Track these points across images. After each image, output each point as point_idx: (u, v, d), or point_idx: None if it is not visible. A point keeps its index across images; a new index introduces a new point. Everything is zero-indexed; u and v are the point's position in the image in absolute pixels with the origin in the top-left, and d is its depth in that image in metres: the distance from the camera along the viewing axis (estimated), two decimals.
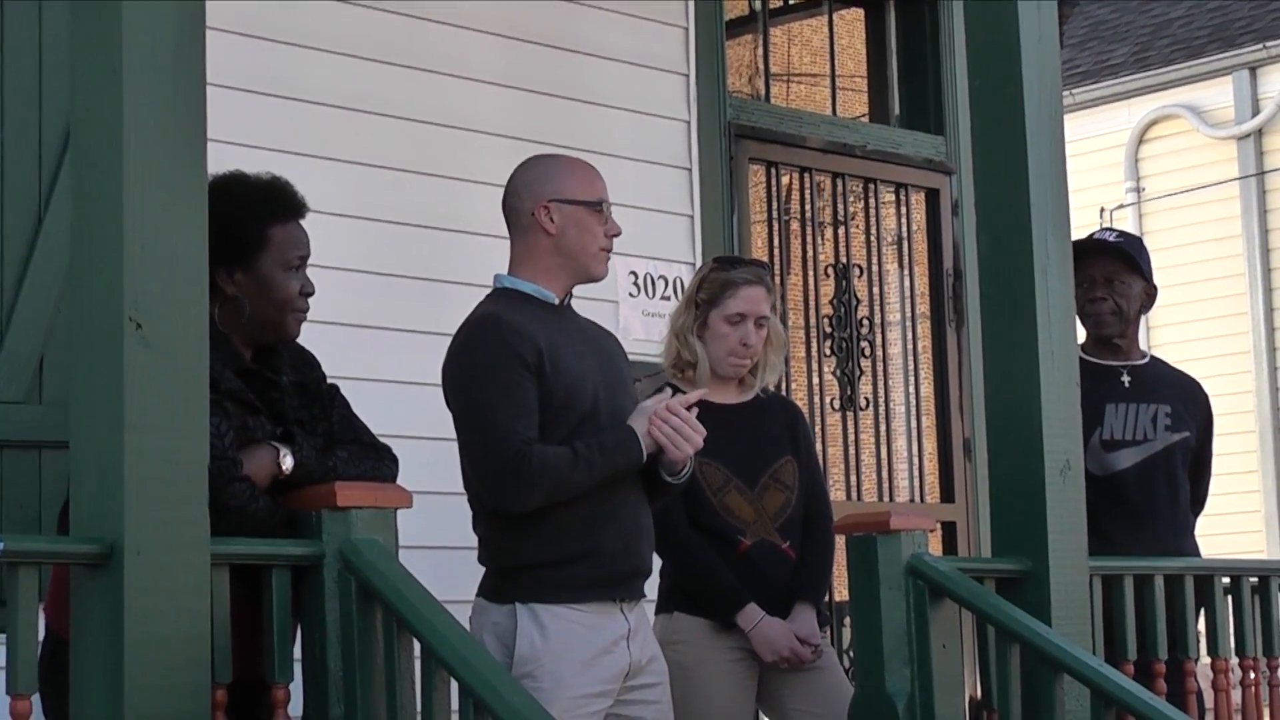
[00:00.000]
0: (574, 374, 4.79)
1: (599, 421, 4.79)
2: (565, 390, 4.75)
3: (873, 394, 7.93)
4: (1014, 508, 5.39)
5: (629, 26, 7.12)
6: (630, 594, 4.82)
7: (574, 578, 4.70)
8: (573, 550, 4.71)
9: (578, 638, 4.67)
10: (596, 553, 4.73)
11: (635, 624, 4.83)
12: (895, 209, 8.16)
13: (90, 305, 4.04)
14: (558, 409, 4.74)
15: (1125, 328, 6.31)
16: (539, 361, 4.73)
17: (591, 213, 4.93)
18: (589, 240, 4.93)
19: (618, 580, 4.78)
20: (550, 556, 4.70)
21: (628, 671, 4.78)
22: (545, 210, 4.92)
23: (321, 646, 4.25)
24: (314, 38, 6.22)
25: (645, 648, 4.85)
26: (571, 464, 4.67)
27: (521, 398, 4.70)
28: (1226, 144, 16.41)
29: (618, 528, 4.77)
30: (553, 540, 4.70)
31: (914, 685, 5.02)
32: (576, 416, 4.76)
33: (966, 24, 5.69)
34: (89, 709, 3.92)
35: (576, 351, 4.84)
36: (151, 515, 3.94)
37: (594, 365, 4.87)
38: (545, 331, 4.79)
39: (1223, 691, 5.72)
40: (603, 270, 4.99)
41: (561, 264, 4.92)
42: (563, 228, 4.91)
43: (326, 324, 5.15)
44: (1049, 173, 5.50)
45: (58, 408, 5.23)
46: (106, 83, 4.04)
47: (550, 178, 4.98)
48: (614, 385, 4.92)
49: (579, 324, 4.99)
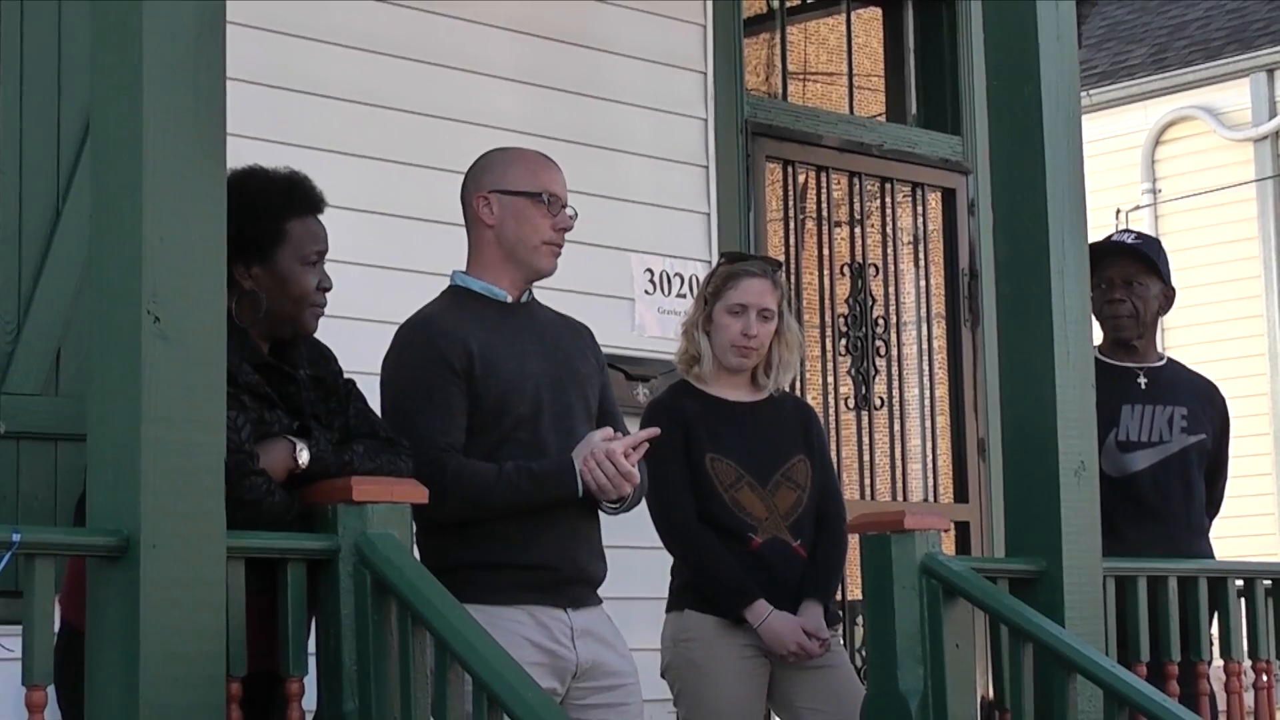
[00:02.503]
0: (510, 376, 4.73)
1: (540, 425, 4.75)
2: (498, 393, 4.71)
3: (887, 393, 7.93)
4: (1028, 508, 5.39)
5: (647, 24, 7.12)
6: (571, 601, 4.76)
7: (503, 581, 4.67)
8: (502, 556, 4.68)
9: (511, 636, 4.57)
10: (528, 559, 4.69)
11: (584, 625, 4.76)
12: (911, 208, 8.16)
13: (108, 298, 4.05)
14: (488, 413, 4.70)
15: (1143, 330, 6.30)
16: (468, 365, 4.69)
17: (532, 204, 4.83)
18: (529, 232, 4.84)
19: (550, 587, 4.72)
20: (480, 559, 4.67)
21: (576, 672, 4.73)
22: (484, 201, 4.86)
23: (336, 640, 4.26)
24: (333, 33, 6.23)
25: (598, 651, 4.78)
26: (491, 483, 4.63)
27: (444, 403, 4.67)
28: (1243, 146, 16.39)
29: (553, 535, 4.71)
30: (482, 545, 4.68)
31: (927, 684, 5.02)
32: (511, 420, 4.72)
33: (984, 23, 5.68)
34: (105, 700, 3.93)
35: (520, 352, 4.78)
36: (168, 508, 3.95)
37: (540, 366, 4.80)
38: (483, 332, 4.74)
39: (1235, 694, 5.72)
40: (548, 265, 4.88)
41: (504, 257, 4.85)
42: (501, 219, 4.84)
43: (343, 319, 5.15)
44: (1066, 173, 5.50)
45: (75, 400, 5.24)
46: (126, 77, 4.05)
47: (490, 168, 4.91)
48: (563, 385, 4.84)
49: (535, 322, 4.90)
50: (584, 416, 4.88)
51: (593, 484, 4.68)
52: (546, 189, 4.86)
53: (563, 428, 4.80)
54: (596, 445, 4.70)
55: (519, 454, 4.71)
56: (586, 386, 4.93)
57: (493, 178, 4.88)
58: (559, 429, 4.79)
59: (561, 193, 4.89)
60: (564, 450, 4.76)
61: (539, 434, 4.76)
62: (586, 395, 4.92)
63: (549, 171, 4.92)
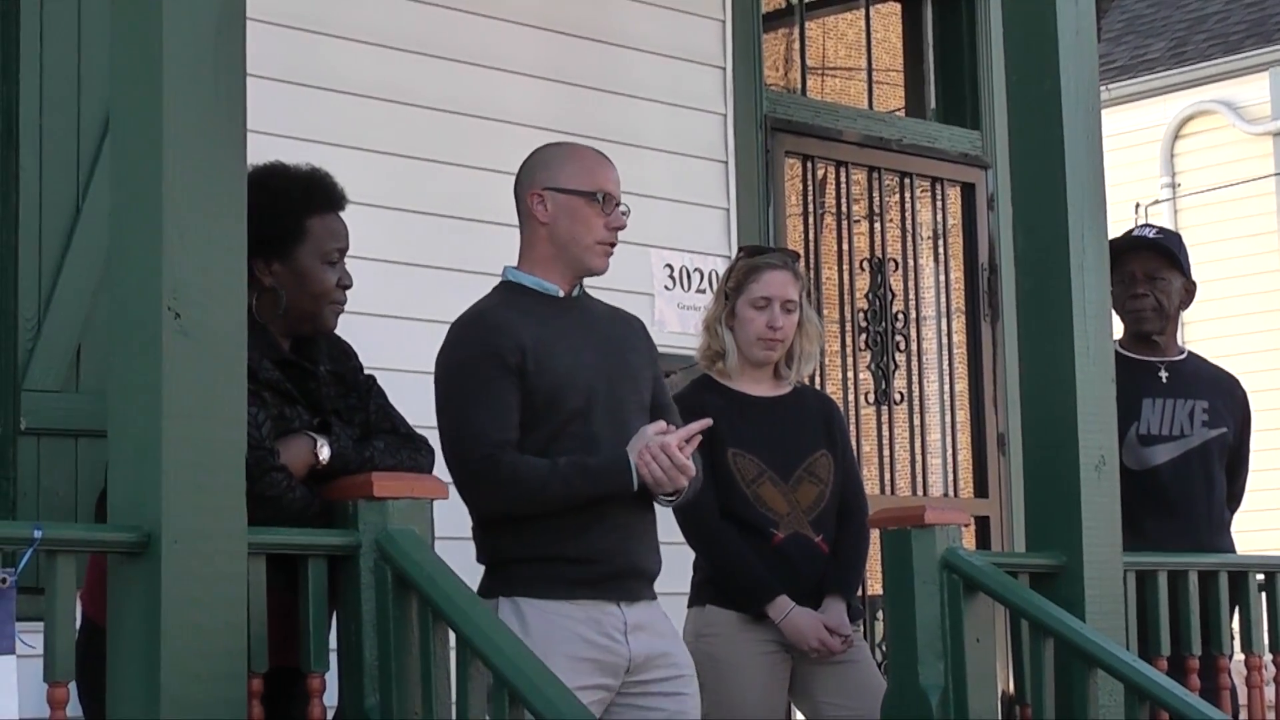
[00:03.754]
0: (563, 371, 4.71)
1: (593, 419, 4.73)
2: (550, 388, 4.69)
3: (907, 388, 7.92)
4: (1048, 503, 5.39)
5: (666, 19, 7.12)
6: (624, 594, 4.74)
7: (557, 574, 4.65)
8: (555, 548, 4.65)
9: (562, 631, 4.60)
10: (580, 553, 4.66)
11: (637, 619, 4.74)
12: (931, 203, 8.16)
13: (129, 294, 4.06)
14: (541, 407, 4.68)
15: (1166, 324, 6.29)
16: (521, 360, 4.67)
17: (587, 203, 4.81)
18: (582, 231, 4.81)
19: (604, 580, 4.70)
20: (535, 553, 4.65)
21: (628, 666, 4.70)
22: (538, 198, 4.83)
23: (357, 636, 4.26)
24: (353, 29, 6.24)
25: (652, 643, 4.76)
26: (545, 479, 4.61)
27: (498, 398, 4.65)
28: (1263, 140, 16.36)
29: (607, 527, 4.69)
30: (534, 539, 4.65)
31: (948, 679, 5.02)
32: (564, 415, 4.70)
33: (1004, 18, 5.67)
34: (126, 696, 3.93)
35: (572, 346, 4.76)
36: (189, 504, 3.95)
37: (593, 359, 4.78)
38: (536, 327, 4.72)
39: (1256, 688, 5.71)
40: (600, 264, 4.85)
41: (556, 254, 4.82)
42: (555, 217, 4.81)
43: (364, 315, 5.16)
44: (1085, 168, 5.49)
45: (95, 396, 5.25)
46: (146, 72, 4.06)
47: (546, 165, 4.88)
48: (616, 378, 4.82)
49: (589, 316, 4.89)
50: (637, 409, 4.85)
51: (648, 477, 4.66)
52: (601, 188, 4.83)
53: (616, 421, 4.77)
54: (651, 439, 4.67)
55: (572, 448, 4.68)
56: (639, 379, 4.90)
57: (547, 175, 4.85)
58: (612, 423, 4.76)
59: (615, 191, 4.86)
60: (617, 444, 4.72)
61: (592, 428, 4.73)
62: (639, 388, 4.90)
63: (604, 170, 4.89)
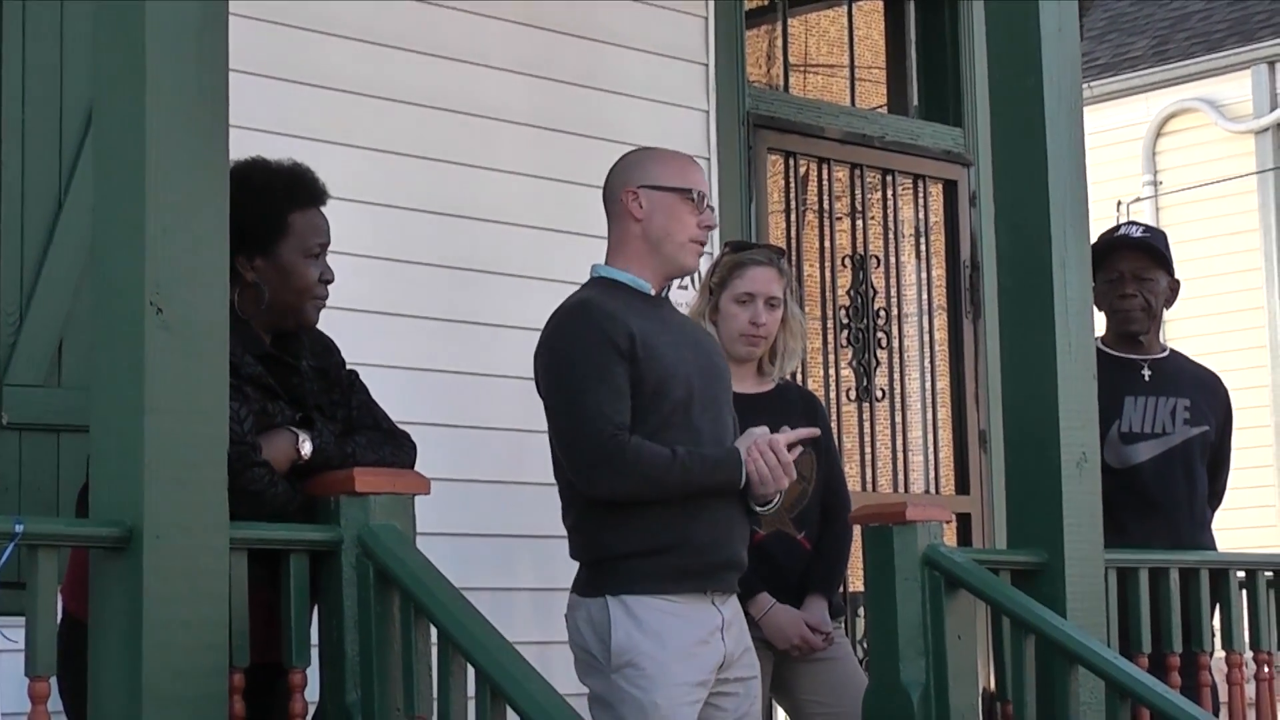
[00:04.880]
0: (667, 361, 4.76)
1: (693, 411, 4.78)
2: (658, 377, 4.73)
3: (888, 385, 7.93)
4: (1030, 500, 5.39)
5: (648, 15, 7.12)
6: (722, 586, 4.80)
7: (664, 568, 4.68)
8: (663, 540, 4.69)
9: (673, 628, 4.66)
10: (687, 543, 4.70)
11: (729, 616, 4.81)
12: (913, 200, 8.16)
13: (111, 289, 4.05)
14: (649, 395, 4.72)
15: (1152, 324, 6.31)
16: (631, 347, 4.71)
17: (681, 200, 4.90)
18: (677, 228, 4.89)
19: (708, 572, 4.75)
20: (640, 547, 4.69)
21: (722, 663, 4.77)
22: (633, 195, 4.90)
23: (339, 631, 4.26)
24: (335, 25, 6.23)
25: (739, 640, 4.85)
26: (668, 463, 4.66)
27: (614, 383, 4.69)
28: (1244, 138, 16.38)
29: (710, 519, 4.74)
30: (643, 530, 4.69)
31: (929, 676, 5.02)
32: (669, 405, 4.75)
33: (986, 15, 5.68)
34: (107, 691, 3.93)
35: (671, 341, 4.82)
36: (171, 499, 3.95)
37: (689, 355, 4.85)
38: (638, 319, 4.77)
39: (1236, 685, 5.73)
40: (692, 262, 4.96)
41: (650, 251, 4.89)
42: (650, 213, 4.89)
43: (346, 310, 5.16)
44: (1068, 165, 5.50)
45: (77, 391, 5.24)
46: (129, 67, 4.05)
47: (640, 164, 4.97)
48: (710, 377, 4.89)
49: (675, 317, 4.99)
50: (728, 409, 4.96)
51: (755, 473, 4.72)
52: (695, 186, 4.93)
53: (713, 417, 4.85)
54: (759, 437, 4.76)
55: (678, 439, 4.73)
56: (727, 381, 5.01)
57: (642, 173, 4.94)
58: (709, 417, 4.84)
59: (707, 191, 4.99)
60: (717, 439, 4.81)
61: (693, 420, 4.79)
62: (729, 389, 5.00)
63: (696, 171, 5.01)
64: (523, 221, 6.32)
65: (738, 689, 4.84)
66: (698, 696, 4.69)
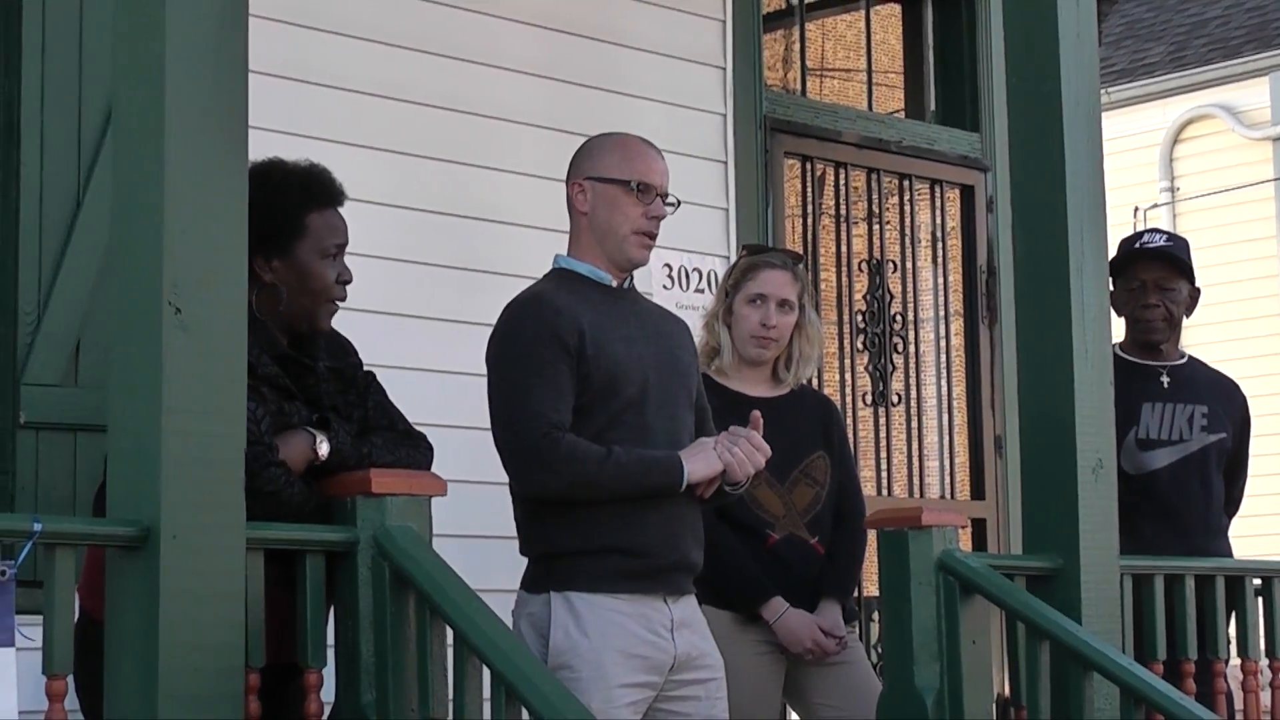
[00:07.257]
0: (619, 358, 4.70)
1: (646, 409, 4.72)
2: (608, 374, 4.68)
3: (904, 390, 7.93)
4: (1045, 505, 5.39)
5: (666, 18, 7.12)
6: (673, 588, 4.74)
7: (609, 568, 4.63)
8: (607, 541, 4.63)
9: (615, 626, 4.60)
10: (633, 545, 4.65)
11: (682, 616, 4.74)
12: (930, 205, 8.16)
13: (129, 289, 4.06)
14: (597, 392, 4.67)
15: (1173, 333, 6.30)
16: (579, 343, 4.65)
17: (624, 192, 4.79)
18: (619, 220, 4.79)
19: (655, 573, 4.69)
20: (584, 545, 4.63)
21: (672, 664, 4.70)
22: (579, 188, 4.83)
23: (354, 632, 4.26)
24: (353, 26, 6.24)
25: (694, 642, 4.77)
26: (600, 461, 4.59)
27: (556, 380, 4.63)
28: (1262, 145, 16.36)
29: (656, 520, 4.68)
30: (587, 529, 4.64)
31: (943, 681, 5.02)
32: (620, 402, 4.69)
33: (1004, 20, 5.67)
34: (123, 690, 3.94)
35: (627, 336, 4.75)
36: (188, 499, 3.96)
37: (647, 350, 4.77)
38: (592, 313, 4.71)
39: (1252, 693, 5.72)
40: (639, 255, 4.84)
41: (597, 244, 4.81)
42: (594, 206, 4.81)
43: (362, 311, 5.16)
44: (1085, 171, 5.49)
45: (95, 390, 5.25)
46: (148, 68, 4.06)
47: (589, 154, 4.88)
48: (668, 372, 4.81)
49: (638, 308, 4.89)
50: (686, 405, 4.87)
51: (728, 458, 4.68)
52: (639, 177, 4.81)
53: (667, 415, 4.77)
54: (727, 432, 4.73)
55: (626, 438, 4.67)
56: (688, 377, 4.92)
57: (589, 164, 4.85)
58: (664, 415, 4.77)
59: (657, 182, 4.84)
60: (669, 436, 4.74)
61: (645, 418, 4.72)
62: (689, 385, 4.91)
63: (644, 159, 4.87)
64: (538, 224, 6.31)
65: (697, 691, 4.75)
66: (636, 697, 4.59)
